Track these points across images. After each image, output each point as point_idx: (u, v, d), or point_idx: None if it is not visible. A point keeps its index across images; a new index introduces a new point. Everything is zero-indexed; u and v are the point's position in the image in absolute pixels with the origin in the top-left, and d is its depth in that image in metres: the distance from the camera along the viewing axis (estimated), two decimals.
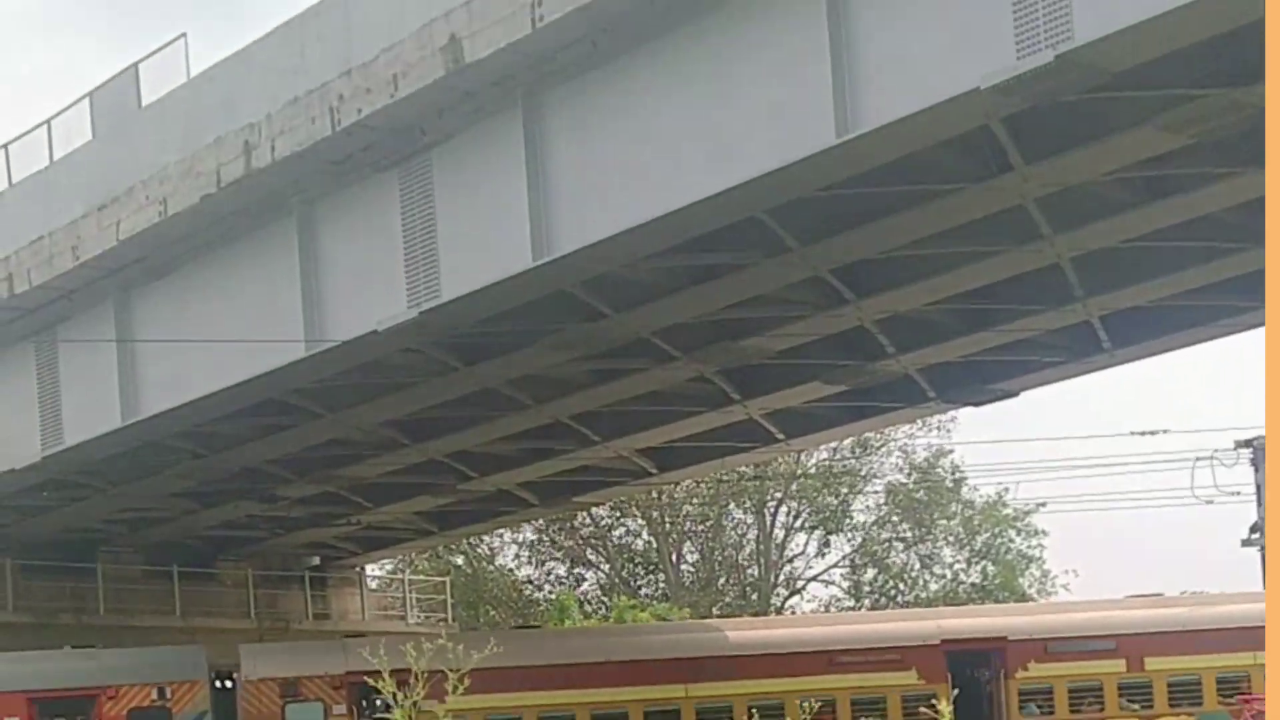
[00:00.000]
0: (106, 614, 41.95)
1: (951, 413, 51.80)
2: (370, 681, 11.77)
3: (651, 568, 65.30)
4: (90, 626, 40.83)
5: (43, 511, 37.07)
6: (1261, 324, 29.81)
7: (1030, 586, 64.95)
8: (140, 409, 29.62)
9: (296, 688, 33.76)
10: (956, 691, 22.39)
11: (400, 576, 55.21)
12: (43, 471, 32.66)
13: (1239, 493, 49.20)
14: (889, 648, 35.62)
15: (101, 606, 42.10)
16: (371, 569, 53.16)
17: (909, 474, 63.61)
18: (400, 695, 11.28)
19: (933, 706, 15.69)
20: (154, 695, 33.07)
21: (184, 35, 27.20)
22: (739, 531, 64.89)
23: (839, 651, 35.51)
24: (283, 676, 33.98)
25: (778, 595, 64.61)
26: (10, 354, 31.68)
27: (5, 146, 30.94)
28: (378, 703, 34.87)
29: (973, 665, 35.71)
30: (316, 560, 48.11)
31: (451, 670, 11.60)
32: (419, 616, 51.49)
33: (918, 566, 65.48)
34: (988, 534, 64.46)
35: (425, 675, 11.43)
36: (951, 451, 62.94)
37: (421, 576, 57.10)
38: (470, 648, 13.07)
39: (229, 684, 34.05)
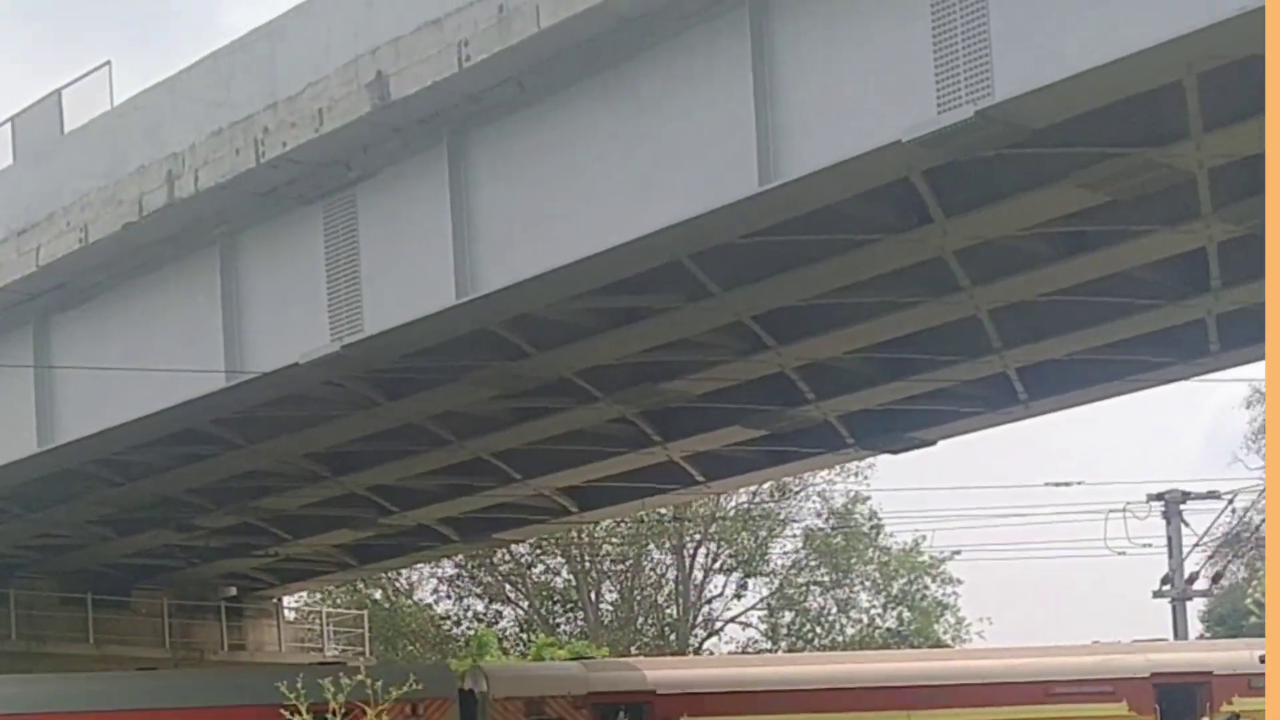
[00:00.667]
0: (19, 640, 41.43)
1: (870, 459, 52.04)
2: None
3: (570, 606, 65.12)
4: (2, 653, 40.31)
5: None
6: (1174, 380, 30.24)
7: (945, 633, 65.21)
8: (56, 435, 29.29)
9: (541, 707, 34.34)
10: None
11: (318, 609, 54.80)
12: None
13: (1150, 545, 49.66)
14: (1102, 679, 36.09)
15: (14, 632, 41.56)
16: (289, 601, 52.73)
17: (827, 519, 63.88)
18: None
19: None
20: (407, 711, 33.26)
21: (109, 63, 27.07)
22: (658, 571, 64.89)
23: (1055, 682, 35.99)
24: (528, 696, 34.75)
25: (696, 636, 64.59)
26: None
27: None
28: None
29: (1180, 698, 36.19)
30: (233, 591, 47.62)
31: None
32: (336, 649, 51.09)
33: (834, 610, 65.62)
34: (904, 580, 64.73)
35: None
36: (869, 498, 63.31)
37: (339, 609, 56.71)
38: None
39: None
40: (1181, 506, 48.80)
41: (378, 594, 63.36)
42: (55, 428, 29.29)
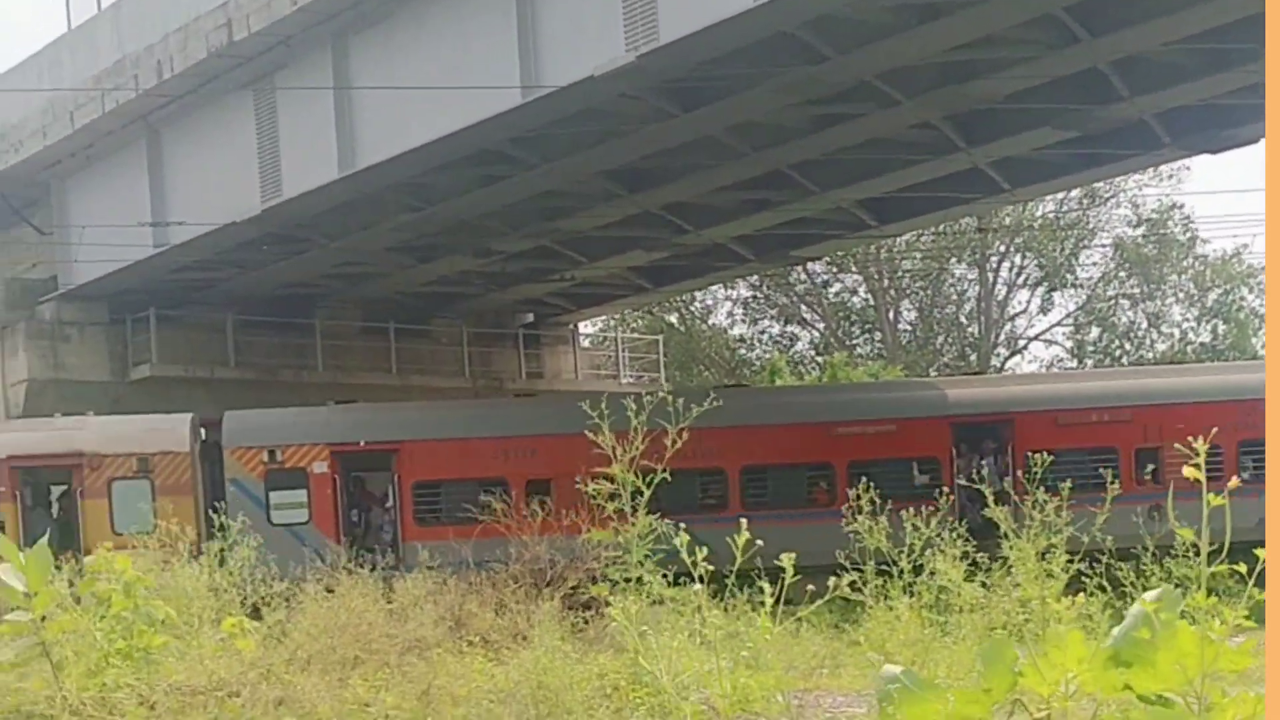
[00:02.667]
0: (325, 370, 42.94)
1: (1186, 160, 50.73)
2: None
3: (867, 326, 65.30)
4: (309, 384, 41.77)
5: (262, 266, 37.95)
6: None
7: (1262, 347, 63.73)
8: (357, 160, 30.24)
9: None
10: None
11: (613, 335, 55.76)
12: (262, 224, 33.46)
13: None
14: None
15: (320, 363, 43.00)
16: (584, 327, 53.84)
17: (1138, 226, 62.56)
18: None
19: None
20: None
21: None
22: (959, 288, 64.49)
23: None
24: None
25: (998, 355, 64.38)
26: (231, 103, 32.37)
27: None
28: None
29: None
30: (530, 317, 48.86)
31: None
32: (631, 376, 52.07)
33: (1145, 325, 64.65)
34: (1220, 291, 63.27)
35: None
36: (1184, 204, 61.74)
37: (634, 335, 57.64)
38: None
39: None
40: None
41: (673, 318, 64.31)
42: (355, 153, 30.21)
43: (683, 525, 9.45)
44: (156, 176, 35.07)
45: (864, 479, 15.97)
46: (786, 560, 8.79)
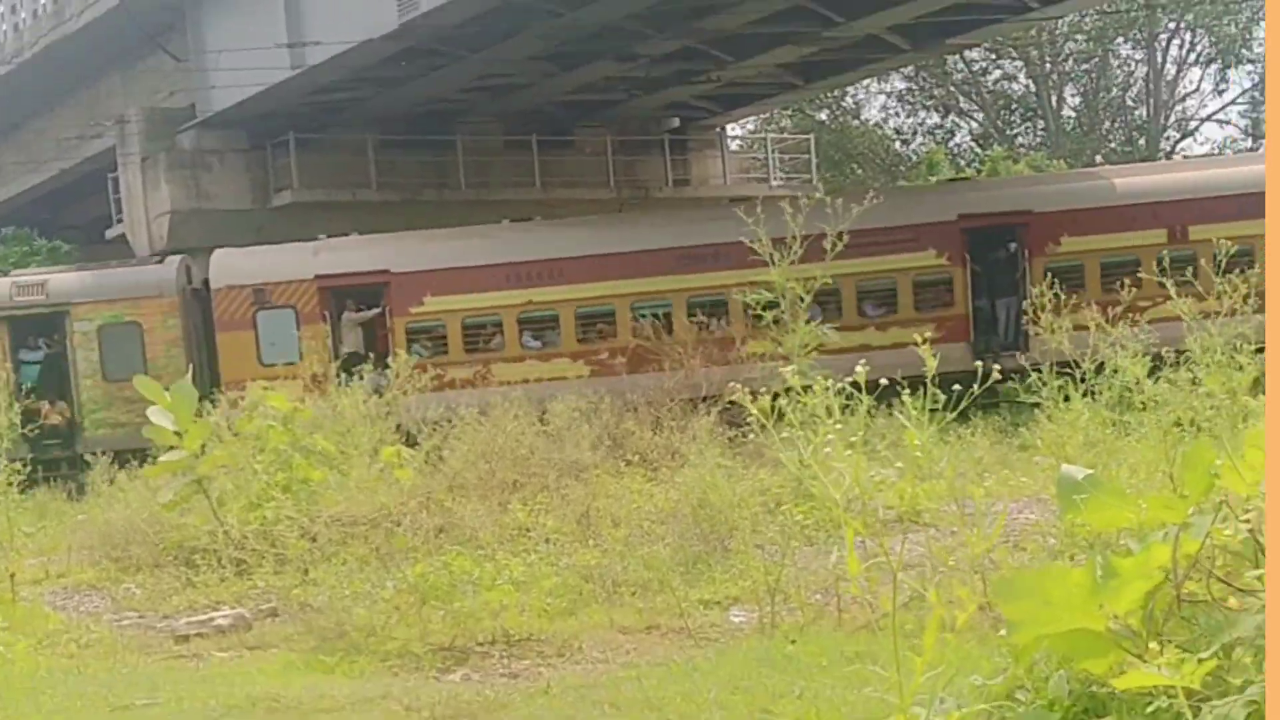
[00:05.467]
0: (468, 189, 42.87)
1: None
2: None
3: (1029, 114, 64.07)
4: (451, 202, 41.76)
5: (401, 83, 37.79)
6: None
7: None
8: None
9: None
10: None
11: (762, 136, 55.16)
12: (400, 39, 33.20)
13: None
14: None
15: (463, 181, 42.93)
16: (731, 130, 53.25)
17: None
18: None
19: None
20: None
21: None
22: (1126, 69, 62.96)
23: None
24: None
25: (1167, 139, 63.00)
26: None
27: None
28: None
29: None
30: (676, 122, 48.37)
31: None
32: (781, 179, 51.53)
33: None
34: None
35: None
36: None
37: (784, 135, 56.97)
38: None
39: None
40: None
41: (822, 115, 63.45)
42: None
43: None
44: None
45: None
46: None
